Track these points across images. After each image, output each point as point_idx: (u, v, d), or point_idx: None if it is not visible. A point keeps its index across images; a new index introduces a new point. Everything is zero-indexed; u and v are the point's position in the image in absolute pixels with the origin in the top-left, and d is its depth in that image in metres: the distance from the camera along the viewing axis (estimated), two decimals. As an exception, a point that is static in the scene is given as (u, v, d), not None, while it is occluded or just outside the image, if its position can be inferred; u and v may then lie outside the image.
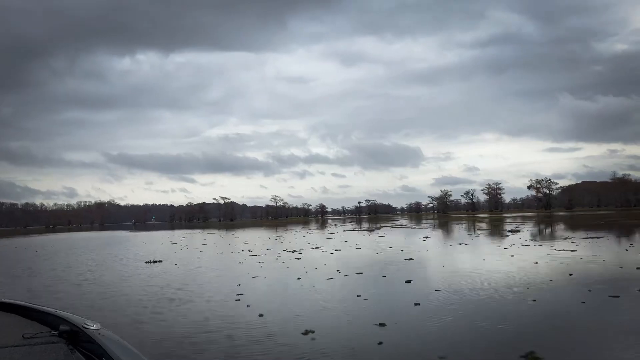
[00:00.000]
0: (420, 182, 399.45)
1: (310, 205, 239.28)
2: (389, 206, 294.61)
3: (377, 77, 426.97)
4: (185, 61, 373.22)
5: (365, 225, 79.94)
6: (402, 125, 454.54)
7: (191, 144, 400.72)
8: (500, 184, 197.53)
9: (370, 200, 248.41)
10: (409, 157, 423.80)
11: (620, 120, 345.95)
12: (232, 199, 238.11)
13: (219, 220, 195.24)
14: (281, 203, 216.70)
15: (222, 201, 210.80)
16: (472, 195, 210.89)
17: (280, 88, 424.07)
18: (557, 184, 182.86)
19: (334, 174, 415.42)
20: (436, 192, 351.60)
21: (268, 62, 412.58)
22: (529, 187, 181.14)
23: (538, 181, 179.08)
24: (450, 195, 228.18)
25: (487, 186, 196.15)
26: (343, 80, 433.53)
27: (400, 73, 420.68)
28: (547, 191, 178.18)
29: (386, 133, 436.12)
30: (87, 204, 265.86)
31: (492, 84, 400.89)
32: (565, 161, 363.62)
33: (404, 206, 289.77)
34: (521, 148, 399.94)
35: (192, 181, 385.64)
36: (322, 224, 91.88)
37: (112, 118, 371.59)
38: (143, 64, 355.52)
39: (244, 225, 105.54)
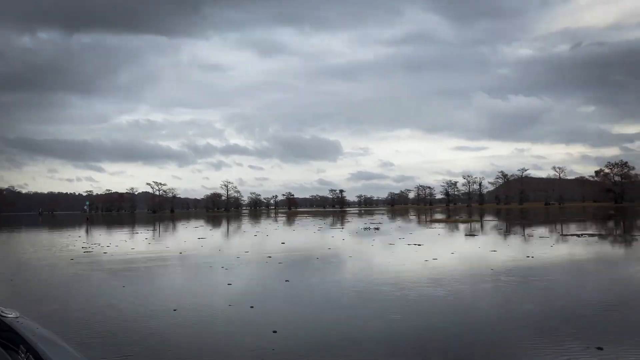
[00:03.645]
0: (337, 176, 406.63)
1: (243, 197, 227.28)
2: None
3: (295, 70, 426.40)
4: (92, 42, 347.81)
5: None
6: (320, 120, 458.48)
7: (99, 130, 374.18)
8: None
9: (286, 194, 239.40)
10: (329, 151, 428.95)
11: (530, 119, 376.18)
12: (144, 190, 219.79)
13: (153, 212, 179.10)
14: (233, 192, 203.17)
15: (156, 188, 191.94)
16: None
17: (195, 76, 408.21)
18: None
19: (251, 166, 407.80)
20: (352, 186, 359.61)
21: (182, 48, 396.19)
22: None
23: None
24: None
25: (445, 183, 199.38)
26: (261, 70, 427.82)
27: (318, 67, 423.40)
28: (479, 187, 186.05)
29: (303, 127, 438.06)
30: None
31: (409, 81, 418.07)
32: (474, 159, 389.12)
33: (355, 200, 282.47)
34: (435, 145, 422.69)
35: (100, 170, 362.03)
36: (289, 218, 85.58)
37: (10, 100, 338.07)
38: (45, 43, 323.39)
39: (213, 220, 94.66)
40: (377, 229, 42.25)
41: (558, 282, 13.52)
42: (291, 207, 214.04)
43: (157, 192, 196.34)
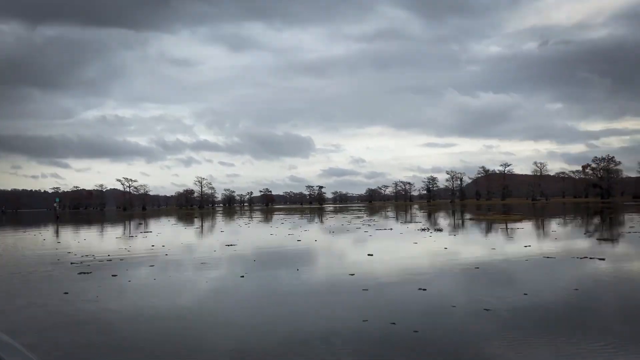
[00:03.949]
0: (309, 172, 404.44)
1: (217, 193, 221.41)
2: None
3: (266, 65, 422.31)
4: (56, 35, 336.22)
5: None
6: (291, 116, 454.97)
7: (65, 126, 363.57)
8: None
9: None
10: (301, 147, 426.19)
11: (499, 116, 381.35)
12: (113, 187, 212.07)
13: (124, 210, 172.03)
14: (207, 188, 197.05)
15: (127, 185, 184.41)
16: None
17: (163, 70, 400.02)
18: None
19: (221, 162, 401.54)
20: (324, 182, 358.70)
21: (150, 42, 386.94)
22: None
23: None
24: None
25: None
26: (231, 65, 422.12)
27: (289, 62, 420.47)
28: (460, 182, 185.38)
29: (275, 123, 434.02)
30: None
31: (379, 78, 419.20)
32: (444, 156, 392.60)
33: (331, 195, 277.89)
34: (405, 142, 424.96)
35: (66, 166, 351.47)
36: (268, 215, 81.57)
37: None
38: (6, 36, 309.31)
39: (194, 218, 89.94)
40: (437, 230, 33.45)
41: None
42: (268, 204, 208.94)
43: (127, 189, 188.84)
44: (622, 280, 13.02)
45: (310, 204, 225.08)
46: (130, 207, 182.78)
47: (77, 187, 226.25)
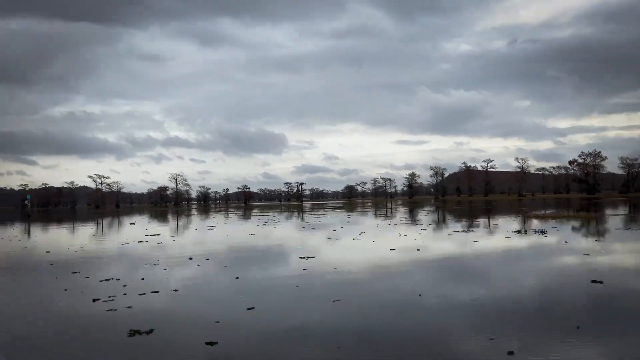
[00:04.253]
0: (281, 169, 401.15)
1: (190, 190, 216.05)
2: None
3: (237, 61, 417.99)
4: (21, 29, 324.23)
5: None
6: (264, 112, 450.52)
7: (31, 122, 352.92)
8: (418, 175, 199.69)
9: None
10: (274, 144, 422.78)
11: (470, 114, 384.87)
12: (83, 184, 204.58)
13: (96, 207, 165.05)
14: (183, 185, 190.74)
15: (99, 182, 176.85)
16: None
17: (133, 66, 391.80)
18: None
19: (192, 159, 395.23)
20: (297, 179, 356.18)
21: (119, 37, 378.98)
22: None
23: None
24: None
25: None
26: (201, 61, 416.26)
27: (260, 58, 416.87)
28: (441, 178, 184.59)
29: (247, 119, 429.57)
30: None
31: (352, 75, 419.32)
32: (416, 153, 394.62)
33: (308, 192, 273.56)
34: (378, 139, 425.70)
35: (33, 163, 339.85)
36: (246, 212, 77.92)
37: None
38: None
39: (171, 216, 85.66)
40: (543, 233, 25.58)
41: None
42: (247, 201, 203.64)
43: (99, 186, 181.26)
44: None
45: (288, 200, 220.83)
46: (103, 204, 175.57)
47: (45, 184, 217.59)
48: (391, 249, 19.48)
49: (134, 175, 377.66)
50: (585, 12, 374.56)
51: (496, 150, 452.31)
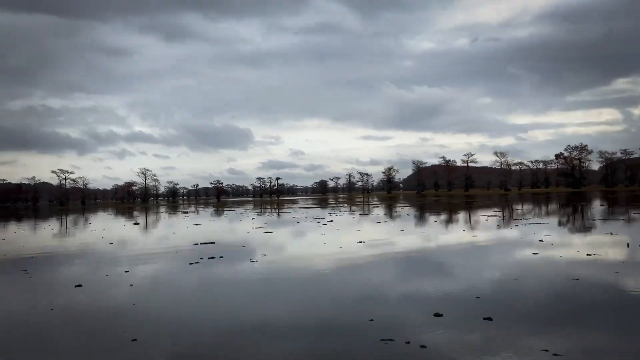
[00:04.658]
0: (247, 165, 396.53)
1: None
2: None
3: (202, 56, 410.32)
4: None
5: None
6: (229, 107, 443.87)
7: None
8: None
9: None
10: (240, 139, 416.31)
11: (434, 110, 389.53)
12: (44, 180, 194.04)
13: (61, 204, 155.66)
14: (151, 180, 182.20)
15: (63, 177, 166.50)
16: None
17: (95, 59, 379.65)
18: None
19: (156, 155, 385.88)
20: (263, 175, 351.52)
21: (81, 30, 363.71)
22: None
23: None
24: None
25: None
26: (166, 56, 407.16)
27: (226, 53, 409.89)
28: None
29: (212, 114, 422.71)
30: None
31: (317, 71, 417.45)
32: (381, 148, 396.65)
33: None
34: (343, 134, 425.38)
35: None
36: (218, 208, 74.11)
37: None
38: None
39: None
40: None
41: None
42: (220, 197, 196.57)
43: (63, 182, 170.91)
44: None
45: (261, 196, 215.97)
46: (67, 201, 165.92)
47: (3, 180, 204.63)
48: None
49: (96, 171, 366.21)
50: (544, 12, 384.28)
51: (460, 146, 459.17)
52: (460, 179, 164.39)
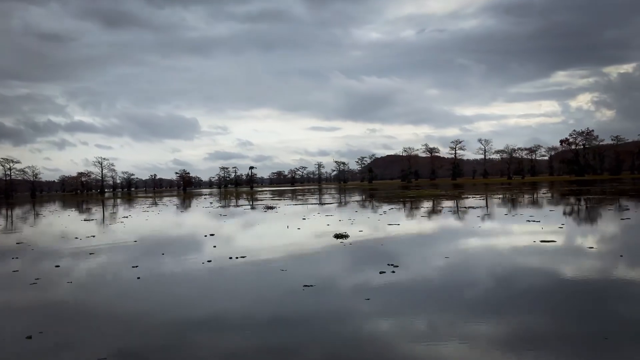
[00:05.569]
0: (193, 156, 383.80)
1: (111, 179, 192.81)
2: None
3: (146, 43, 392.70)
4: None
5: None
6: (174, 96, 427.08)
7: None
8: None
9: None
10: (185, 129, 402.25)
11: (382, 101, 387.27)
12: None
13: (7, 197, 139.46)
14: (108, 171, 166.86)
15: (7, 167, 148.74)
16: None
17: (30, 45, 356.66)
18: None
19: (98, 145, 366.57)
20: (209, 166, 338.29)
21: (13, 13, 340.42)
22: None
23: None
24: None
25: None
26: (107, 42, 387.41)
27: (170, 40, 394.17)
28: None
29: (156, 103, 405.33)
30: None
31: (265, 60, 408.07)
32: (329, 139, 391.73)
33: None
34: (292, 125, 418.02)
35: None
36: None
37: None
38: None
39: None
40: None
41: None
42: (186, 188, 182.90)
43: (8, 173, 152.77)
44: None
45: (226, 187, 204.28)
46: (13, 193, 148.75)
47: None
48: None
49: (35, 162, 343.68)
50: (488, 4, 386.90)
51: (407, 137, 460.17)
52: (447, 167, 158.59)
